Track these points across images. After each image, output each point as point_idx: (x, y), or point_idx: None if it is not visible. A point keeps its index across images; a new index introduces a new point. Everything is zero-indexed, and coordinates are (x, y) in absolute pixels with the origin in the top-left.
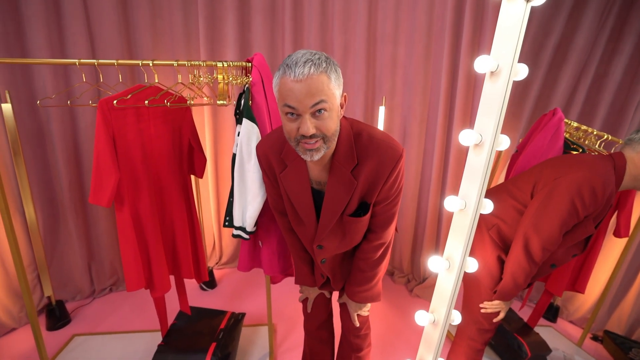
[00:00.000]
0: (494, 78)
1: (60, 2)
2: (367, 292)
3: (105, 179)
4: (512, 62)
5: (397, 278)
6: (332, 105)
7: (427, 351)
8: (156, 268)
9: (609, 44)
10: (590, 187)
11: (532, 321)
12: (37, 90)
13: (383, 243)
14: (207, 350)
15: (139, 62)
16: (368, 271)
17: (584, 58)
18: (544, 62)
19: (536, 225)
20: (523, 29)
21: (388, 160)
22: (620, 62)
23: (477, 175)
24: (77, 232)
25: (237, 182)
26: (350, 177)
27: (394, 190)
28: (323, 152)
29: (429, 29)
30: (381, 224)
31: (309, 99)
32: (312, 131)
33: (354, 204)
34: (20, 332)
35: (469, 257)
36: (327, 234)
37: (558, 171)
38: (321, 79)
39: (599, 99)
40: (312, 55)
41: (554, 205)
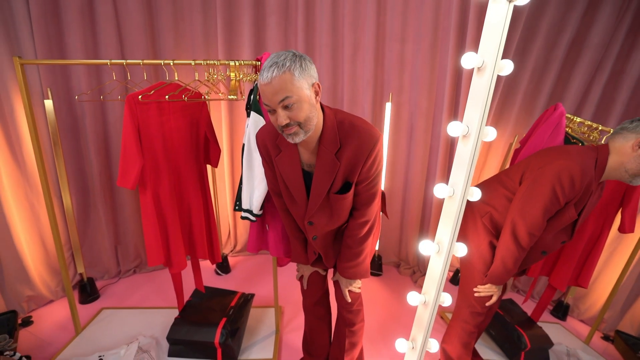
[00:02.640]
0: (480, 73)
1: (94, 8)
2: (355, 268)
3: (130, 165)
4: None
5: (402, 269)
6: (298, 97)
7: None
8: (174, 246)
9: (627, 40)
10: (569, 175)
11: (535, 315)
12: (73, 87)
13: (367, 220)
14: (217, 324)
15: (162, 62)
16: (355, 247)
17: (600, 54)
18: (558, 58)
19: (522, 211)
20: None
21: (366, 144)
22: (638, 59)
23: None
24: (106, 217)
25: (246, 168)
26: (334, 159)
27: (372, 171)
28: (303, 135)
29: (435, 28)
30: (364, 202)
31: (276, 97)
32: (285, 121)
33: (338, 183)
34: (56, 304)
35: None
36: (316, 211)
37: (543, 160)
38: (284, 77)
39: (615, 96)
40: (278, 57)
41: (537, 192)
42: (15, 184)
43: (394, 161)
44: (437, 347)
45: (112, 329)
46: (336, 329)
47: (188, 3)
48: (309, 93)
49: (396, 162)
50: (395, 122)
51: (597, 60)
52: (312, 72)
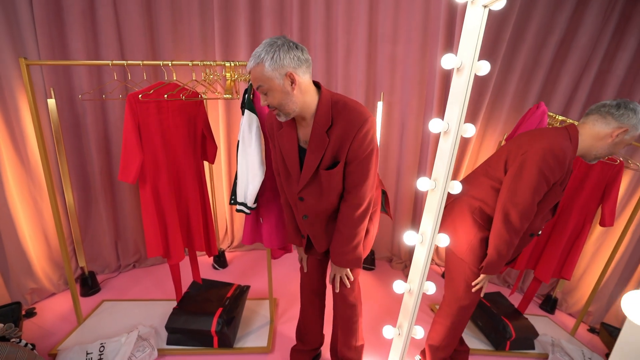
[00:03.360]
0: (459, 73)
1: (95, 11)
2: (346, 255)
3: (131, 161)
4: (474, 59)
5: (395, 264)
6: (270, 86)
7: (404, 317)
8: (172, 239)
9: (613, 40)
10: (554, 155)
11: (522, 307)
12: (75, 87)
13: (359, 204)
14: (214, 313)
15: (160, 63)
16: (345, 231)
17: (587, 55)
18: (546, 58)
19: (512, 198)
20: (482, 30)
21: (355, 122)
22: (623, 58)
23: (445, 159)
24: (106, 213)
25: (240, 163)
26: (324, 136)
27: (362, 150)
28: (284, 117)
29: (424, 30)
30: (354, 183)
31: (254, 84)
32: (264, 104)
33: (327, 159)
34: (58, 297)
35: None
36: (307, 186)
37: (524, 146)
38: (257, 69)
39: (600, 96)
40: (259, 47)
41: (525, 177)
42: (19, 181)
43: (386, 158)
44: (422, 333)
45: (112, 319)
46: (333, 319)
47: (186, 5)
48: (281, 82)
49: (388, 159)
50: (387, 120)
51: (585, 60)
52: (285, 62)
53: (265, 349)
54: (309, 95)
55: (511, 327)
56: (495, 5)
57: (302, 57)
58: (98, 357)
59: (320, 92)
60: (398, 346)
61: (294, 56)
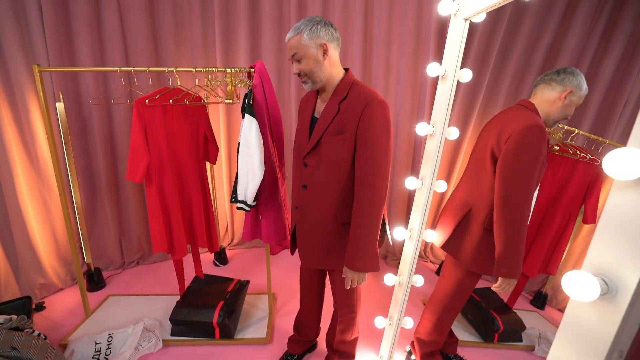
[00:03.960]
0: (443, 80)
1: (101, 17)
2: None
3: (138, 161)
4: (456, 67)
5: (389, 261)
6: (304, 54)
7: (395, 308)
8: (176, 235)
9: (600, 44)
10: (537, 129)
11: (510, 301)
12: (82, 91)
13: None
14: (216, 306)
15: (165, 69)
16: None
17: (576, 58)
18: (537, 62)
19: (513, 179)
20: (464, 41)
21: (364, 99)
22: (610, 63)
23: (431, 160)
24: (111, 212)
25: (241, 164)
26: (336, 105)
27: (371, 129)
28: (311, 84)
29: (417, 34)
30: (361, 176)
31: (290, 52)
32: (296, 71)
33: (332, 128)
34: (66, 292)
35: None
36: (311, 152)
37: (506, 131)
38: (295, 38)
39: (588, 98)
40: (299, 23)
41: (522, 156)
42: (29, 181)
43: None
44: (412, 324)
45: (118, 312)
46: (333, 315)
47: (188, 11)
48: (315, 51)
49: None
50: None
51: (574, 64)
52: (321, 35)
53: (264, 340)
54: (335, 69)
55: (499, 320)
56: (476, 18)
57: (335, 34)
58: (107, 346)
59: (346, 72)
60: (389, 335)
61: (329, 31)
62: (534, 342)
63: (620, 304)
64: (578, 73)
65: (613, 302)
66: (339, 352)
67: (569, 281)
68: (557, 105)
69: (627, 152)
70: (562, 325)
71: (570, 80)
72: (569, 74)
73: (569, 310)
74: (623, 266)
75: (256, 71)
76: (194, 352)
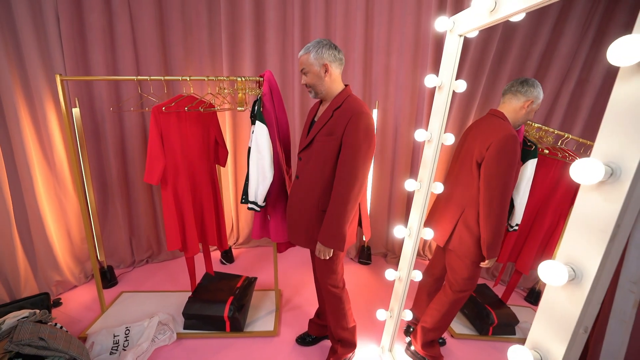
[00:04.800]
0: (440, 91)
1: (114, 27)
2: (331, 234)
3: (155, 164)
4: (452, 79)
5: (389, 259)
6: (309, 70)
7: (395, 301)
8: (189, 234)
9: (591, 51)
10: (512, 137)
11: (505, 297)
12: (95, 97)
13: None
14: (226, 301)
15: (179, 78)
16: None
17: (568, 64)
18: (531, 68)
19: (495, 180)
20: (458, 55)
21: (353, 110)
22: (600, 69)
23: (428, 164)
24: (122, 212)
25: (253, 167)
26: (330, 112)
27: (352, 136)
28: (314, 94)
29: (416, 43)
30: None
31: (299, 67)
32: (303, 82)
33: (324, 130)
34: (79, 289)
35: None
36: (306, 148)
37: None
38: (305, 56)
39: (580, 103)
40: (310, 44)
41: (501, 160)
42: (46, 182)
43: (381, 161)
44: (411, 316)
45: (132, 308)
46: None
47: (196, 20)
48: (318, 69)
49: (383, 162)
50: (381, 126)
51: (565, 70)
52: (324, 56)
53: (272, 333)
54: (336, 85)
55: (494, 314)
56: (470, 34)
57: (338, 56)
58: (124, 339)
59: (345, 88)
60: (390, 327)
61: (332, 53)
62: (526, 335)
63: (584, 287)
64: (537, 84)
65: (579, 286)
66: (341, 340)
67: (544, 269)
68: (522, 113)
69: (590, 161)
70: (540, 306)
71: (531, 92)
72: (530, 86)
73: (546, 295)
74: (587, 256)
75: (265, 80)
76: (206, 344)
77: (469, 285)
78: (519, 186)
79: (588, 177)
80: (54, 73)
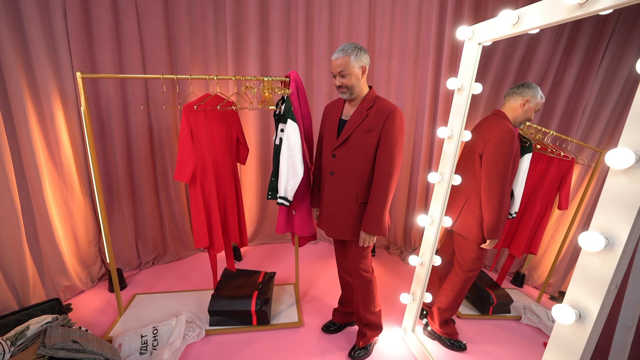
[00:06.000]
0: (459, 93)
1: (120, 23)
2: (375, 223)
3: (186, 162)
4: (471, 82)
5: (392, 250)
6: (349, 72)
7: (417, 285)
8: (215, 231)
9: (563, 57)
10: (509, 133)
11: (499, 280)
12: (101, 95)
13: (390, 172)
14: (251, 296)
15: (207, 77)
16: (377, 198)
17: (544, 69)
18: (512, 72)
19: (494, 170)
20: (477, 61)
21: (389, 109)
22: (571, 73)
23: (449, 158)
24: (128, 213)
25: (283, 164)
26: (364, 111)
27: (392, 133)
28: (348, 94)
29: (416, 46)
30: (387, 154)
31: (337, 69)
32: (338, 84)
33: (362, 128)
34: (88, 294)
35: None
36: (341, 146)
37: (486, 137)
38: (344, 59)
39: (555, 104)
40: (345, 46)
41: (498, 152)
42: (52, 183)
43: None
44: (431, 298)
45: (150, 309)
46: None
47: (202, 20)
48: (357, 71)
49: None
50: None
51: (542, 74)
52: (363, 59)
53: (298, 324)
54: (365, 86)
55: (493, 295)
56: (486, 43)
57: (369, 59)
58: (153, 338)
59: (371, 88)
60: (412, 309)
61: (367, 57)
62: (520, 313)
63: (617, 252)
64: (534, 86)
65: (612, 251)
66: (368, 324)
67: (584, 239)
68: (520, 111)
69: (620, 150)
70: (575, 271)
71: (526, 92)
72: (526, 87)
73: (580, 261)
74: (618, 227)
75: (292, 80)
76: (234, 338)
77: (477, 264)
78: (518, 178)
79: (621, 163)
80: (60, 70)
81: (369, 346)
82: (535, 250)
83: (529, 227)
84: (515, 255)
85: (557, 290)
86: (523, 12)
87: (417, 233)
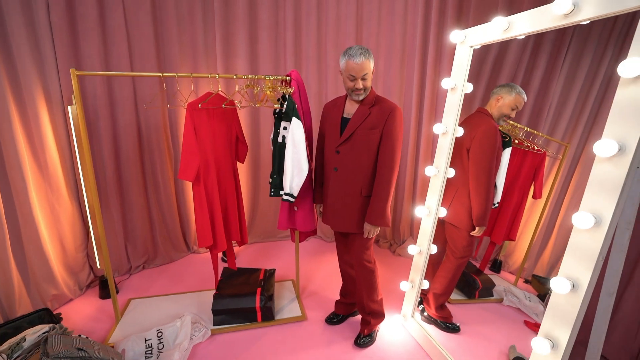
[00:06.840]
0: (452, 92)
1: (107, 20)
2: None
3: (191, 161)
4: (464, 82)
5: (381, 243)
6: (369, 74)
7: (416, 273)
8: (218, 230)
9: (530, 60)
10: (493, 129)
11: (482, 266)
12: (88, 94)
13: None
14: (255, 293)
15: (208, 75)
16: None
17: (513, 71)
18: (486, 72)
19: (480, 162)
20: (469, 62)
21: (390, 107)
22: (537, 74)
23: (444, 153)
24: (117, 216)
25: (289, 161)
26: (367, 110)
27: (393, 129)
28: (364, 95)
29: (403, 47)
30: (389, 150)
31: (361, 72)
32: (360, 86)
33: (365, 125)
34: (77, 302)
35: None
36: (344, 143)
37: (471, 133)
38: (368, 62)
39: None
40: (363, 50)
41: (484, 146)
42: (37, 187)
43: None
44: (427, 285)
45: (149, 312)
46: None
47: (190, 18)
48: (371, 73)
49: None
50: None
51: (513, 74)
52: (373, 62)
53: (302, 318)
54: None
55: (478, 281)
56: (477, 46)
57: None
58: (157, 341)
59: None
60: (411, 296)
61: None
62: (502, 295)
63: (603, 229)
64: (510, 85)
65: (599, 228)
66: (372, 312)
67: (577, 218)
68: (497, 106)
69: (606, 141)
70: (568, 247)
71: (500, 90)
72: (500, 86)
73: (572, 239)
74: (603, 207)
75: (294, 79)
76: (240, 336)
77: (468, 251)
78: (500, 170)
79: (606, 152)
80: (44, 66)
81: (373, 333)
82: (514, 237)
83: (507, 216)
84: (496, 242)
85: (530, 274)
86: (513, 19)
87: (406, 226)
